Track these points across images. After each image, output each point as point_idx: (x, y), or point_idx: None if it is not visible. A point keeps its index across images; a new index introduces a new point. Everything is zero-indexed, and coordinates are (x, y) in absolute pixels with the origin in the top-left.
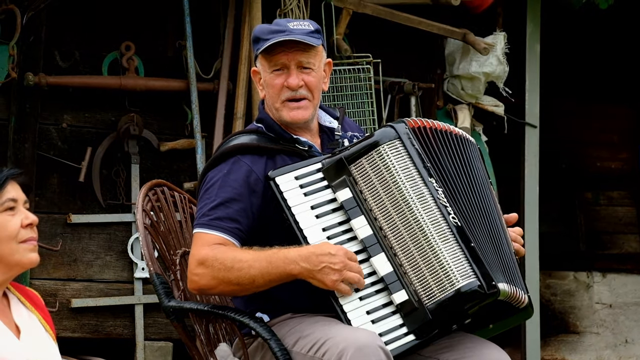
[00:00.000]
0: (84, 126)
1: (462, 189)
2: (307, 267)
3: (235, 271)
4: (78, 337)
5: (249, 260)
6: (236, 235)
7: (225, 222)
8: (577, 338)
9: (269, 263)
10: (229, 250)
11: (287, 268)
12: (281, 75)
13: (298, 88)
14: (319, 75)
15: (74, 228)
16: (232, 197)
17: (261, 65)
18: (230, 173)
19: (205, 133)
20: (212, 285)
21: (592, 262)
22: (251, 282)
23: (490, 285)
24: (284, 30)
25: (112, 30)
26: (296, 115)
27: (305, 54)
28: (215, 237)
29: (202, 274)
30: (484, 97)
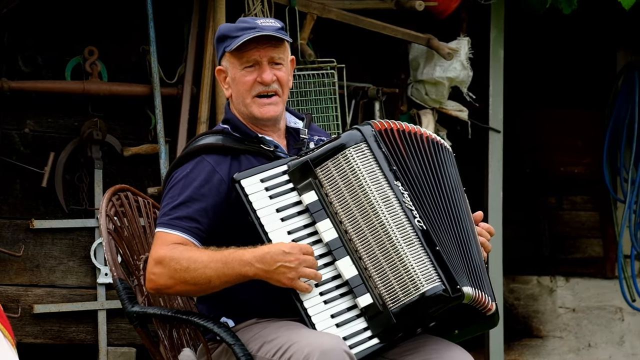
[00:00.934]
0: (47, 131)
1: (429, 192)
2: (263, 267)
3: (191, 271)
4: (40, 343)
5: (204, 261)
6: (195, 234)
7: (185, 221)
8: (541, 342)
9: (224, 264)
10: (186, 250)
11: (242, 269)
12: (253, 72)
13: (271, 83)
14: (288, 70)
15: (37, 233)
16: (194, 196)
17: (229, 63)
18: (193, 172)
19: (169, 138)
20: (169, 284)
21: (556, 267)
22: (207, 283)
23: (455, 289)
24: (254, 27)
25: (76, 35)
26: (267, 111)
27: (276, 49)
28: (174, 237)
29: (159, 273)
30: (448, 102)
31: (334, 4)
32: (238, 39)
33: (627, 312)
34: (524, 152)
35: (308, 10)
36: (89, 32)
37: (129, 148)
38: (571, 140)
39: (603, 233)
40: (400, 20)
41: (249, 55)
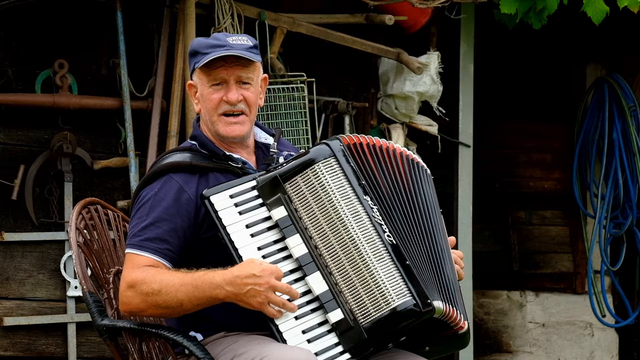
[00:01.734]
0: (17, 144)
1: (399, 206)
2: (233, 290)
3: (163, 295)
4: (10, 355)
5: (175, 285)
6: (166, 256)
7: (155, 242)
8: (511, 357)
9: (195, 287)
10: (157, 273)
11: (212, 293)
12: (220, 90)
13: (237, 103)
14: (256, 90)
15: (7, 246)
16: (163, 217)
17: (199, 79)
18: (160, 192)
19: (139, 151)
20: (142, 308)
21: (526, 282)
22: (179, 306)
23: (425, 304)
24: (224, 45)
25: (46, 48)
26: (233, 130)
27: (245, 69)
28: (145, 259)
29: (131, 296)
30: (418, 117)
31: (303, 18)
32: (207, 56)
33: (597, 328)
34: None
35: (278, 25)
36: (59, 45)
37: (98, 161)
38: (540, 155)
39: (573, 248)
40: (370, 34)
41: (217, 74)
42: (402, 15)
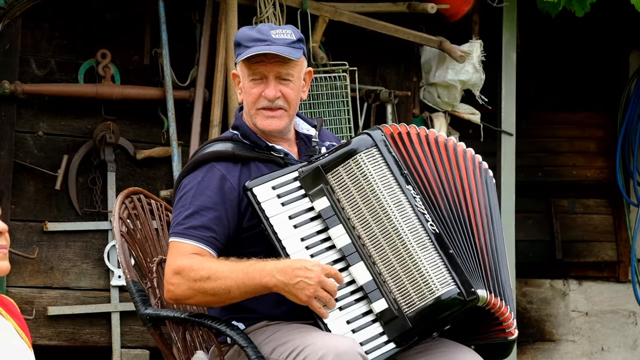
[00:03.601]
0: (60, 134)
1: (442, 194)
2: (283, 280)
3: (211, 282)
4: (55, 345)
5: (225, 271)
6: (212, 244)
7: (200, 230)
8: (554, 346)
9: (245, 274)
10: (205, 260)
11: (262, 280)
12: (259, 85)
13: (275, 99)
14: (297, 85)
15: (51, 236)
16: (207, 205)
17: (241, 71)
18: (204, 180)
19: (182, 141)
20: (188, 295)
21: (568, 270)
22: (227, 293)
23: (470, 292)
24: (266, 39)
25: (88, 38)
26: (270, 124)
27: (284, 65)
28: (191, 247)
29: (177, 283)
30: (460, 105)
31: (345, 7)
32: (247, 51)
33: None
34: (536, 155)
35: (320, 14)
36: (102, 35)
37: (141, 151)
38: (583, 144)
39: (616, 236)
40: (412, 23)
41: (256, 69)
42: (444, 3)
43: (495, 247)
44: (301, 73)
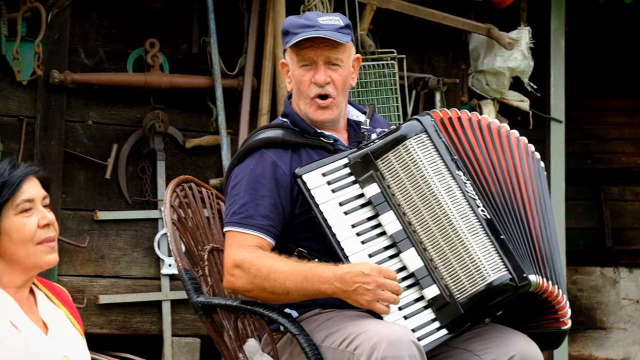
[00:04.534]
0: (110, 123)
1: (493, 179)
2: (341, 287)
3: (271, 280)
4: (106, 333)
5: (285, 272)
6: (270, 232)
7: (257, 219)
8: (604, 334)
9: (304, 278)
10: (267, 257)
11: (321, 287)
12: (309, 71)
13: (325, 84)
14: (346, 71)
15: (101, 225)
16: (262, 193)
17: (290, 58)
18: (256, 168)
19: (231, 129)
20: (248, 289)
21: (619, 258)
22: (285, 294)
23: (521, 278)
24: (314, 25)
25: (137, 28)
26: (322, 115)
27: (333, 50)
28: (249, 237)
29: (238, 276)
30: (509, 92)
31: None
32: (296, 37)
33: None
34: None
35: (367, 1)
36: (150, 25)
37: (190, 139)
38: (633, 131)
39: None
40: (460, 10)
41: (305, 54)
42: None
43: (548, 235)
44: (350, 59)
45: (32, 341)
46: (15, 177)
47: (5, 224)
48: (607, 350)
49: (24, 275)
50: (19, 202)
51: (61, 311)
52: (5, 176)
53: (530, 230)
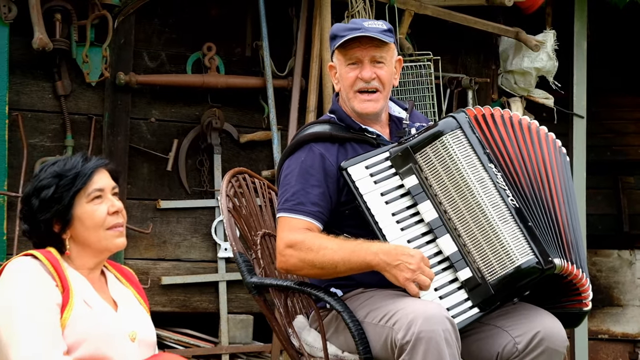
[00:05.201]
0: (171, 120)
1: (523, 172)
2: (386, 260)
3: (320, 256)
4: (168, 311)
5: (334, 248)
6: (318, 218)
7: (307, 206)
8: (621, 310)
9: (352, 252)
10: (316, 237)
11: (367, 258)
12: (356, 69)
13: (371, 80)
14: (390, 69)
15: (163, 213)
16: (312, 182)
17: (337, 60)
18: (306, 160)
19: (281, 125)
20: (299, 266)
21: (635, 241)
22: (334, 268)
23: (547, 261)
24: (360, 28)
25: (195, 33)
26: (367, 107)
27: (378, 49)
28: (300, 222)
29: (290, 255)
30: (535, 90)
31: (429, 1)
32: (343, 38)
33: None
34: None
35: (406, 7)
36: (207, 30)
37: (244, 135)
38: None
39: None
40: (491, 15)
41: (352, 53)
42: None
43: (573, 223)
44: (392, 59)
45: (103, 317)
46: (87, 169)
47: (78, 211)
48: (624, 325)
49: (95, 258)
50: (91, 191)
51: (129, 290)
52: (78, 168)
53: (557, 218)
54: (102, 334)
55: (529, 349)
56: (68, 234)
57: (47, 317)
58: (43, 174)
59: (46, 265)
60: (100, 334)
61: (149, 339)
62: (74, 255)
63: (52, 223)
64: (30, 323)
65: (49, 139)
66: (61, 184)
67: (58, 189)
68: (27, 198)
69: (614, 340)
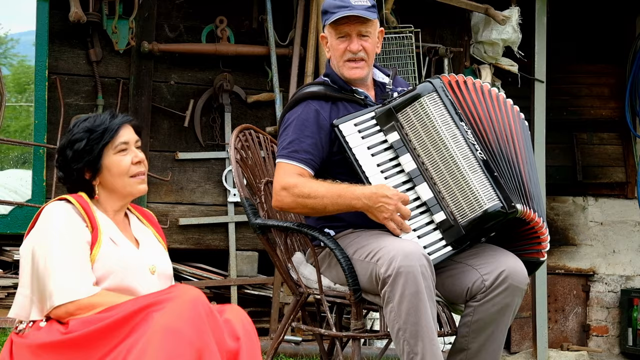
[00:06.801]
0: (188, 83)
1: (488, 129)
2: (368, 203)
3: (311, 198)
4: (184, 248)
5: (323, 191)
6: (310, 164)
7: (300, 153)
8: (575, 249)
9: (339, 196)
10: (308, 181)
11: (352, 202)
12: (344, 42)
13: (358, 52)
14: (374, 41)
15: (181, 163)
16: (306, 133)
17: (328, 32)
18: (303, 114)
19: (283, 88)
20: (292, 206)
21: (587, 189)
22: (323, 209)
23: (510, 206)
24: (347, 5)
25: (209, 7)
26: (354, 73)
27: (363, 25)
28: (294, 167)
29: (284, 196)
30: (502, 59)
31: None
32: (334, 15)
33: None
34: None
35: None
36: (220, 5)
37: (251, 96)
38: (599, 89)
39: (625, 162)
40: None
41: (342, 29)
42: None
43: (534, 177)
44: (376, 31)
45: (126, 253)
46: (114, 125)
47: (106, 161)
48: (577, 262)
49: (120, 201)
50: (117, 144)
51: (149, 230)
52: (107, 123)
53: (520, 170)
54: (126, 267)
55: (495, 285)
56: (97, 180)
57: (78, 252)
58: (76, 128)
59: (77, 208)
60: (124, 267)
61: (167, 272)
62: (102, 199)
63: (83, 171)
64: (64, 257)
65: (83, 99)
66: (92, 137)
67: (89, 142)
68: (62, 149)
69: (569, 275)
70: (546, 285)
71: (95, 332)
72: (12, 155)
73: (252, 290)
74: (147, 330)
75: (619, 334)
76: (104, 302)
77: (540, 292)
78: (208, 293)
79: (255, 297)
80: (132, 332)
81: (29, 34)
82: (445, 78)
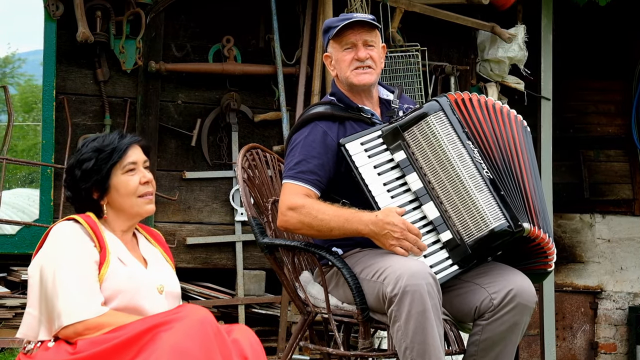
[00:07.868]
0: (195, 102)
1: (495, 147)
2: (374, 229)
3: (318, 221)
4: (192, 267)
5: (330, 215)
6: (316, 185)
7: (307, 174)
8: (583, 266)
9: (346, 220)
10: (315, 202)
11: (358, 227)
12: (351, 52)
13: (365, 59)
14: (379, 51)
15: (188, 182)
16: (313, 154)
17: (333, 48)
18: (310, 135)
19: (289, 107)
20: (298, 227)
21: (594, 206)
22: (329, 232)
23: (517, 225)
24: (350, 18)
25: (216, 27)
26: (363, 79)
27: (369, 33)
28: (301, 188)
29: (291, 216)
30: (508, 77)
31: (417, 0)
32: (338, 26)
33: None
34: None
35: (397, 5)
36: (226, 24)
37: (258, 115)
38: (606, 106)
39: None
40: (470, 12)
41: (347, 39)
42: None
43: (539, 193)
44: (379, 44)
45: (135, 273)
46: (123, 145)
47: (114, 181)
48: (585, 279)
49: (128, 221)
50: (125, 164)
51: (157, 250)
52: (115, 143)
53: (525, 188)
54: (134, 287)
55: (503, 303)
56: (105, 200)
57: (86, 272)
58: (85, 148)
59: (86, 228)
60: (132, 287)
61: (175, 291)
62: (110, 219)
63: (91, 191)
64: (73, 277)
65: (90, 119)
66: (100, 157)
67: (97, 161)
68: (70, 169)
69: (577, 292)
70: (554, 302)
71: (104, 353)
72: (19, 175)
73: (260, 310)
74: (155, 350)
75: (627, 351)
76: (112, 322)
77: (548, 310)
78: (215, 312)
79: (262, 316)
80: (141, 352)
81: (36, 53)
82: (451, 96)
